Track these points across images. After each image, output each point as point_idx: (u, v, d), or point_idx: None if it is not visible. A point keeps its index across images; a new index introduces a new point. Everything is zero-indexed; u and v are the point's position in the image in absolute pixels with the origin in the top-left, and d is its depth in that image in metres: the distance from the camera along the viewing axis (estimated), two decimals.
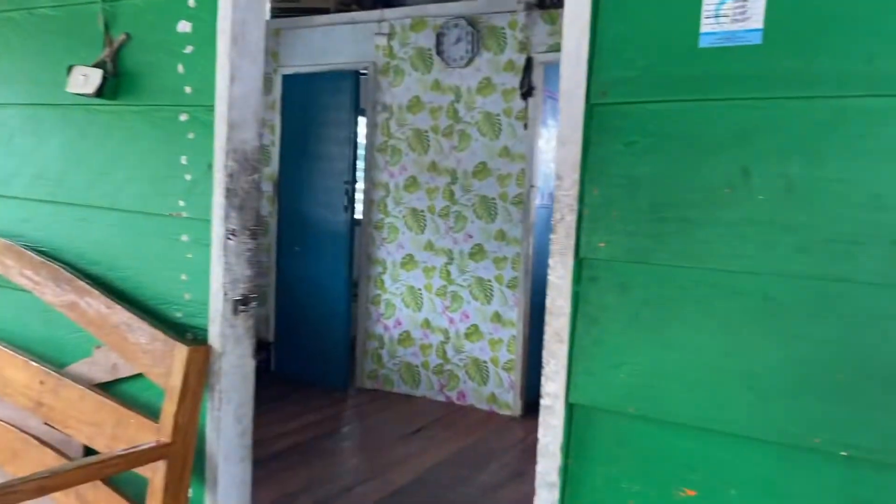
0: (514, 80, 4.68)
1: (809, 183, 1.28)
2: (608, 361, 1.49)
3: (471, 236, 4.90)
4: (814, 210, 1.28)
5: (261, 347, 5.67)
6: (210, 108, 1.97)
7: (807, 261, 1.28)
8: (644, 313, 1.45)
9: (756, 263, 1.33)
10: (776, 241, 1.31)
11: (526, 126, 4.64)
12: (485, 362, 4.89)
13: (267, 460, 3.83)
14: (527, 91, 4.60)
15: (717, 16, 1.35)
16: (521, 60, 4.63)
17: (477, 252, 4.88)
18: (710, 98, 1.37)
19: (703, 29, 1.37)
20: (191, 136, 2.03)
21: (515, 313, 4.75)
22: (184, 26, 2.02)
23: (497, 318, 4.85)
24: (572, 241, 1.52)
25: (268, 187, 5.69)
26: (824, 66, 1.27)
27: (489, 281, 4.86)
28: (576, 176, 1.51)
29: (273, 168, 5.65)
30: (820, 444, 1.28)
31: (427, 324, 5.08)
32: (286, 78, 5.57)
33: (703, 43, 1.37)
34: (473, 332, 4.92)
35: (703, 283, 1.39)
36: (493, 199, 4.81)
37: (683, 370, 1.40)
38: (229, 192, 1.96)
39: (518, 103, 4.67)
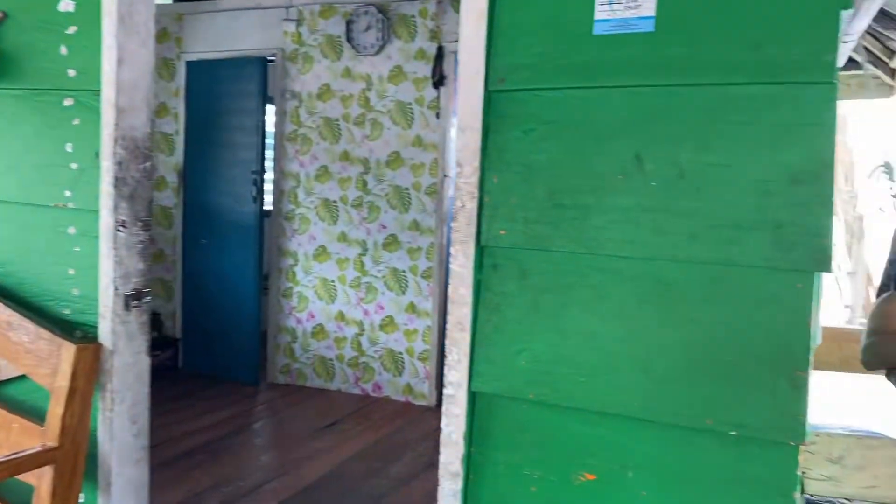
0: (425, 69, 4.65)
1: (699, 169, 1.31)
2: (509, 349, 1.48)
3: (384, 227, 4.85)
4: (703, 196, 1.30)
5: (167, 344, 5.47)
6: (96, 93, 1.86)
7: (697, 246, 1.31)
8: (544, 300, 1.45)
9: (649, 249, 1.35)
10: (668, 227, 1.33)
11: (438, 115, 4.62)
12: (400, 353, 4.86)
13: (174, 460, 3.70)
14: (438, 80, 4.58)
15: (610, 3, 1.36)
16: (432, 49, 4.61)
17: (391, 242, 4.84)
18: (604, 85, 1.38)
19: (598, 16, 1.38)
20: (76, 122, 1.92)
21: (430, 303, 4.74)
22: (66, 5, 1.90)
23: (412, 308, 4.83)
24: (473, 229, 1.51)
25: (173, 177, 5.48)
26: (712, 53, 1.29)
27: (404, 272, 4.83)
28: (476, 163, 1.50)
29: (178, 158, 5.44)
30: (712, 424, 1.32)
31: (341, 316, 5.01)
32: (190, 64, 5.36)
33: (598, 30, 1.38)
34: (388, 324, 4.88)
35: (599, 270, 1.40)
36: (407, 188, 4.77)
37: (581, 355, 1.41)
38: (118, 182, 1.86)
39: (430, 92, 4.64)
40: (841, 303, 10.31)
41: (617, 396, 1.39)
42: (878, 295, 3.50)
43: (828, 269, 1.23)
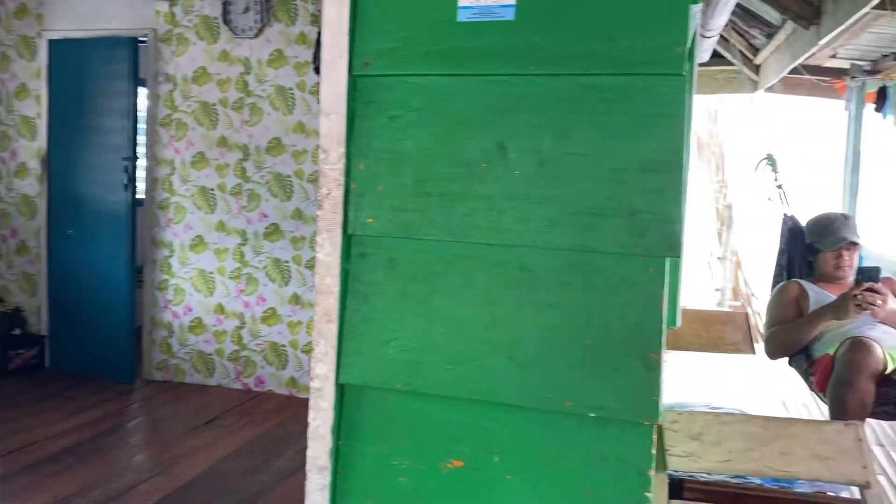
0: (306, 54, 4.55)
1: (558, 158, 1.32)
2: (377, 339, 1.46)
3: (266, 215, 4.72)
4: (563, 184, 1.32)
5: (31, 342, 5.12)
6: None
7: (557, 233, 1.33)
8: (412, 289, 1.44)
9: (513, 236, 1.36)
10: (530, 215, 1.34)
11: (320, 101, 4.52)
12: (283, 346, 4.76)
13: (36, 465, 3.48)
14: (319, 65, 4.48)
15: None
16: (312, 34, 4.51)
17: (272, 232, 4.72)
18: (468, 73, 1.38)
19: (461, 2, 1.37)
20: None
21: (315, 295, 4.65)
22: None
23: (296, 300, 4.74)
24: (340, 217, 1.48)
25: (35, 164, 5.12)
26: (570, 43, 1.31)
27: (286, 262, 4.72)
28: (342, 149, 1.47)
29: (41, 143, 5.09)
30: (572, 407, 1.35)
31: (220, 309, 4.85)
32: (53, 43, 5.03)
33: (461, 17, 1.37)
34: (271, 316, 4.77)
35: (465, 257, 1.40)
36: (289, 176, 4.66)
37: (448, 343, 1.41)
38: None
39: (311, 77, 4.55)
40: (712, 286, 10.93)
41: (483, 383, 1.39)
42: (773, 286, 3.73)
43: (678, 254, 1.28)
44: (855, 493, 2.01)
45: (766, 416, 2.07)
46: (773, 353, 3.17)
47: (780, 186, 3.92)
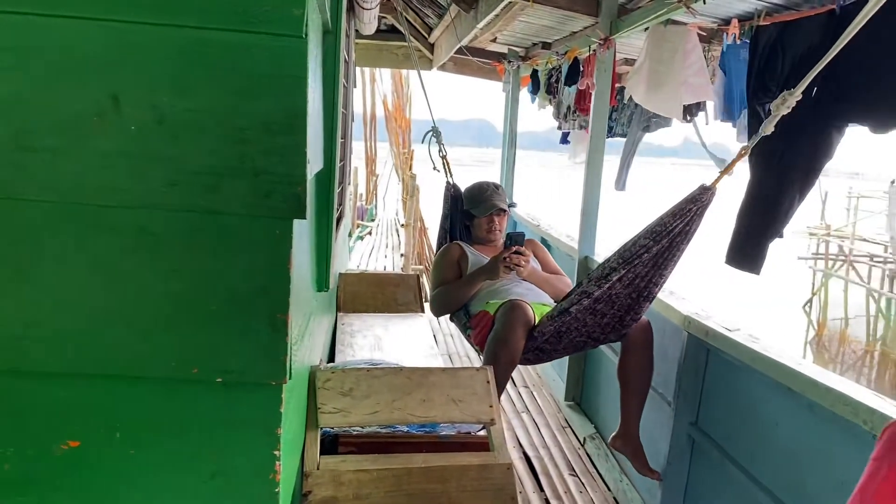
0: None
1: (177, 115, 1.25)
2: None
3: None
4: (182, 143, 1.26)
5: None
6: None
7: (178, 194, 1.27)
8: (10, 255, 1.27)
9: (130, 197, 1.27)
10: (149, 174, 1.26)
11: None
12: None
13: None
14: None
15: None
16: None
17: None
18: (77, 15, 1.24)
19: None
20: None
21: None
22: None
23: None
24: None
25: None
26: None
27: None
28: None
29: None
30: (198, 373, 1.31)
31: None
32: None
33: None
34: None
35: (75, 219, 1.27)
36: None
37: (58, 315, 1.28)
38: None
39: None
40: (399, 251, 11.53)
41: (99, 355, 1.29)
42: (438, 248, 3.98)
43: (302, 216, 1.30)
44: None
45: (412, 368, 2.24)
46: (437, 311, 3.42)
47: (444, 157, 4.21)
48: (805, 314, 17.00)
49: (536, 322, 2.88)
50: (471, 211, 3.62)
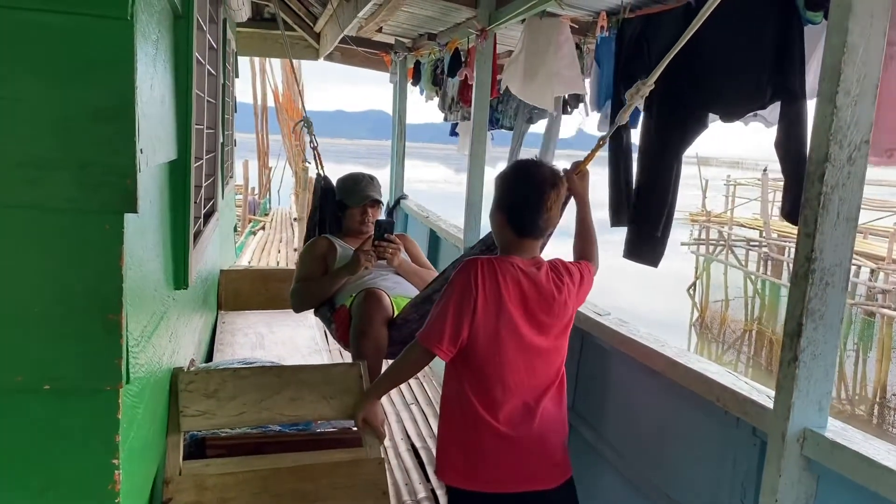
0: None
1: None
2: None
3: None
4: (1, 132, 1.16)
5: None
6: None
7: None
8: None
9: None
10: None
11: None
12: None
13: None
14: None
15: None
16: None
17: None
18: None
19: None
20: None
21: None
22: None
23: None
24: None
25: None
26: None
27: None
28: None
29: None
30: (23, 382, 1.21)
31: None
32: None
33: None
34: None
35: None
36: None
37: None
38: None
39: None
40: (293, 245, 11.32)
41: None
42: (306, 241, 3.85)
43: (133, 209, 1.22)
44: None
45: (281, 366, 2.18)
46: (296, 306, 3.30)
47: (315, 148, 4.07)
48: (689, 297, 17.83)
49: (396, 309, 2.83)
50: (344, 201, 3.52)
